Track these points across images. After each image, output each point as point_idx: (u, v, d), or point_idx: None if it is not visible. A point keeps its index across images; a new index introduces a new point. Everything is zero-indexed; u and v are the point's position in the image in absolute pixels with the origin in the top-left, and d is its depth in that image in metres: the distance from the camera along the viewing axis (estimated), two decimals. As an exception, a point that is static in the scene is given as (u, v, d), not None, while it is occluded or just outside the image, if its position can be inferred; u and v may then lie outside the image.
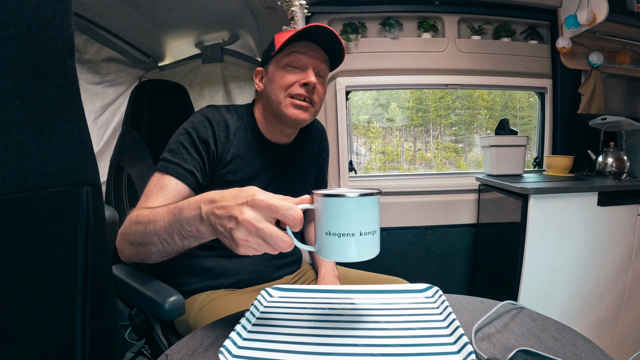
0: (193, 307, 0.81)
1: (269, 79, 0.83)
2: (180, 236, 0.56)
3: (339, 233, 0.44)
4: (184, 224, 0.54)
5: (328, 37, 0.78)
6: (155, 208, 0.62)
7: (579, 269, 1.47)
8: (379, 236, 0.48)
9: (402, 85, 2.00)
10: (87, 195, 0.38)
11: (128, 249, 0.66)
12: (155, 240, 0.59)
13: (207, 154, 0.79)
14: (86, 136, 0.39)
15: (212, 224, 0.49)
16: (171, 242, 0.58)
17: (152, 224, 0.59)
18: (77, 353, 0.38)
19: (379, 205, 0.48)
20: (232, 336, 0.48)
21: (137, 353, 1.48)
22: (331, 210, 0.45)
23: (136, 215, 0.65)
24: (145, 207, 0.68)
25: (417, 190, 1.96)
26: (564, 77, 1.95)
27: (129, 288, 0.82)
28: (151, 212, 0.62)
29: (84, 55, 1.35)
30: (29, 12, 0.31)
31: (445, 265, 2.01)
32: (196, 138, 0.78)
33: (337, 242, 0.45)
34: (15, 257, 0.33)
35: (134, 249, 0.64)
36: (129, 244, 0.65)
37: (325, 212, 0.45)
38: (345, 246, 0.45)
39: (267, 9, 1.20)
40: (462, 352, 0.43)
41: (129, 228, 0.65)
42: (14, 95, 0.31)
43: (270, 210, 0.44)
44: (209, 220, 0.49)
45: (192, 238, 0.55)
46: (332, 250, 0.45)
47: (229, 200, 0.47)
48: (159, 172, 0.76)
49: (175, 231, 0.56)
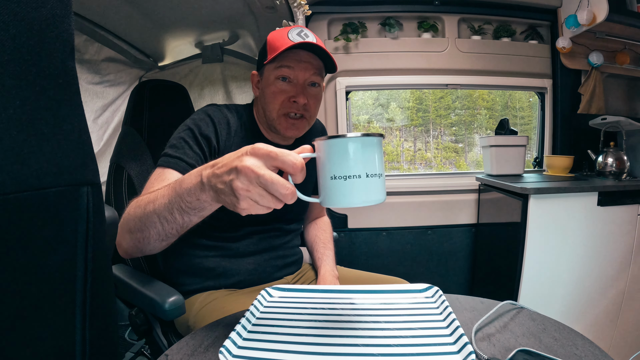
0: (193, 307, 0.81)
1: (262, 90, 0.84)
2: (180, 210, 0.55)
3: (345, 176, 0.42)
4: (184, 195, 0.53)
5: (318, 47, 0.77)
6: (156, 190, 0.62)
7: (579, 269, 1.47)
8: (384, 181, 0.46)
9: (402, 85, 2.00)
10: (87, 195, 0.38)
11: (127, 239, 0.64)
12: (155, 221, 0.58)
13: (209, 150, 0.79)
14: (86, 136, 0.39)
15: (212, 186, 0.48)
16: (171, 219, 0.56)
17: (152, 204, 0.59)
18: (77, 353, 0.38)
19: (382, 149, 0.46)
20: (232, 336, 0.48)
21: (137, 353, 1.48)
22: (336, 152, 0.43)
23: (135, 202, 0.64)
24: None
25: (417, 190, 1.96)
26: (564, 77, 1.95)
27: (129, 288, 0.82)
28: (150, 194, 0.61)
29: (84, 55, 1.35)
30: (29, 12, 0.31)
31: (445, 265, 2.01)
32: (198, 134, 0.78)
33: (343, 186, 0.42)
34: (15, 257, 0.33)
35: (133, 237, 0.63)
36: (128, 232, 0.63)
37: (330, 155, 0.43)
38: (352, 189, 0.43)
39: (267, 9, 1.20)
40: (462, 352, 0.43)
41: (127, 216, 0.64)
42: (14, 95, 0.31)
43: (270, 157, 0.43)
44: (209, 184, 0.48)
45: (193, 210, 0.54)
46: (338, 195, 0.43)
47: (229, 157, 0.46)
48: (160, 167, 0.75)
49: (176, 206, 0.55)
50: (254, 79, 0.88)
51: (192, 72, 1.78)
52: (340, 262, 1.00)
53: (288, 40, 0.76)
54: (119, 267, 0.93)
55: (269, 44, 0.80)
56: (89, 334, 0.39)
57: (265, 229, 0.88)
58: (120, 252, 0.68)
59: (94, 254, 0.39)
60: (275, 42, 0.78)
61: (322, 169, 0.45)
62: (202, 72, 1.78)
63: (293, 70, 0.78)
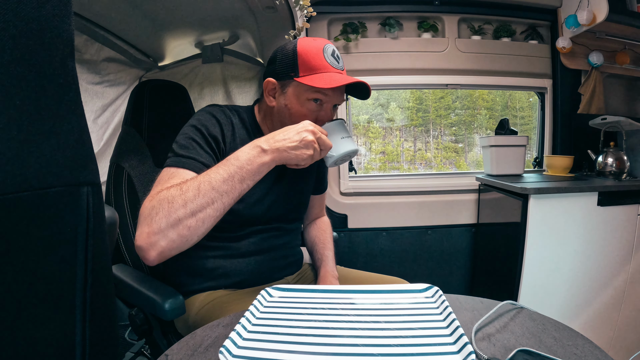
0: (193, 307, 0.81)
1: (286, 105, 0.80)
2: (241, 179, 0.65)
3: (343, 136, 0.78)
4: (245, 164, 0.65)
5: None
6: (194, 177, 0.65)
7: (578, 269, 1.47)
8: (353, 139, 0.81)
9: (402, 85, 2.00)
10: (87, 195, 0.38)
11: (169, 235, 0.60)
12: (215, 197, 0.63)
13: (218, 150, 0.79)
14: (86, 136, 0.39)
15: (278, 148, 0.67)
16: (230, 190, 0.64)
17: (206, 183, 0.63)
18: (77, 353, 0.38)
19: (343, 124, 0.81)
20: (232, 336, 0.48)
21: (137, 353, 1.48)
22: (340, 127, 0.79)
23: (170, 194, 0.62)
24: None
25: (417, 190, 1.96)
26: (564, 77, 1.95)
27: (129, 288, 0.82)
28: (194, 179, 0.64)
29: (84, 55, 1.35)
30: (29, 12, 0.31)
31: (445, 265, 2.01)
32: (207, 134, 0.77)
33: (346, 140, 0.78)
34: (16, 257, 0.33)
35: (183, 226, 0.60)
36: (172, 226, 0.60)
37: (337, 129, 0.78)
38: (348, 140, 0.78)
39: (267, 8, 1.20)
40: (462, 352, 0.43)
41: (169, 208, 0.60)
42: (14, 95, 0.31)
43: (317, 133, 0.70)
44: (274, 147, 0.67)
45: (252, 176, 0.66)
46: (344, 144, 0.77)
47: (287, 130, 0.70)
48: (172, 167, 0.71)
49: (237, 177, 0.64)
50: (269, 86, 0.81)
51: (192, 72, 1.78)
52: (340, 262, 1.01)
53: (327, 64, 0.77)
54: (119, 267, 0.93)
55: (301, 59, 0.77)
56: (89, 334, 0.39)
57: (266, 229, 0.88)
58: (150, 257, 0.61)
59: (94, 254, 0.39)
60: (311, 60, 0.77)
61: (335, 135, 0.78)
62: (202, 72, 1.78)
63: (329, 97, 0.79)
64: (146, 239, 0.60)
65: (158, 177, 0.71)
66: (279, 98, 0.81)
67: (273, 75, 0.81)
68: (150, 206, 0.62)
